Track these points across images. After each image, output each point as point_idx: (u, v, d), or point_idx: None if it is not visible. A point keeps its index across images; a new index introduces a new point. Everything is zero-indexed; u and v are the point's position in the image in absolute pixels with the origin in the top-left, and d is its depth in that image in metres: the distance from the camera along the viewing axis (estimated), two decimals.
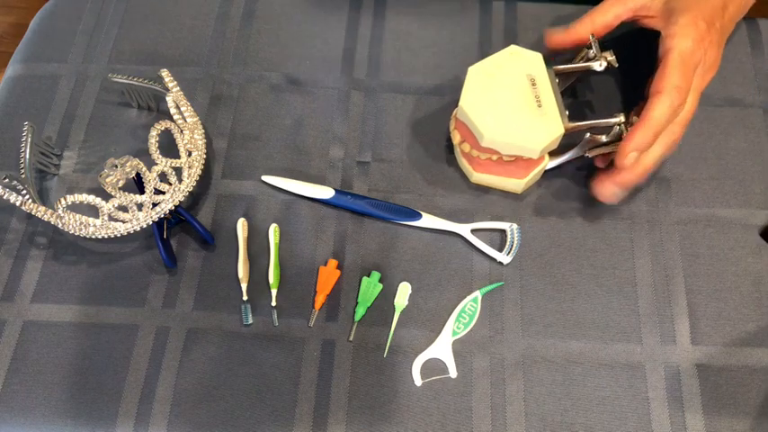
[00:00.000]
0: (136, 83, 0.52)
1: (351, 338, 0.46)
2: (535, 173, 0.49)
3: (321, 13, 0.59)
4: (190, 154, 0.49)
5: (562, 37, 0.50)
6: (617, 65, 0.49)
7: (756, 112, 0.54)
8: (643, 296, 0.47)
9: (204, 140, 0.50)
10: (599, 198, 0.48)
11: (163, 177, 0.48)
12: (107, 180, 0.44)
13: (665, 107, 0.45)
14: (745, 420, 0.43)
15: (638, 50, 0.57)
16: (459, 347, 0.45)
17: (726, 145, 0.52)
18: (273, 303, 0.47)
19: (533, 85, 0.46)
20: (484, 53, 0.56)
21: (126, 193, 0.45)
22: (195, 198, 0.51)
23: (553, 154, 0.50)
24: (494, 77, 0.47)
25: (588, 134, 0.47)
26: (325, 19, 0.59)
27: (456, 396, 0.44)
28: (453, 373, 0.45)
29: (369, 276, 0.47)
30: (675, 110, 0.45)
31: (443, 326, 0.46)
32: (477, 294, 0.47)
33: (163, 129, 0.47)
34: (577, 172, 0.52)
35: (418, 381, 0.44)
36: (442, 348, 0.45)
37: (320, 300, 0.47)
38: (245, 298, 0.47)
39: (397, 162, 0.52)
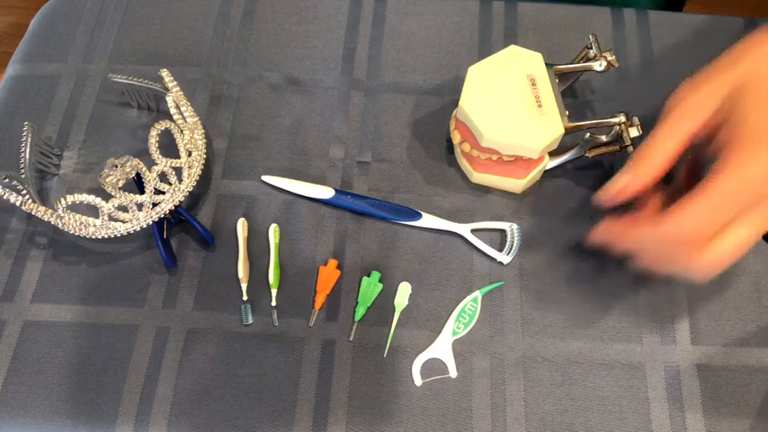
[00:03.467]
0: (136, 83, 0.52)
1: (351, 338, 0.46)
2: (535, 173, 0.49)
3: (321, 14, 0.59)
4: (190, 154, 0.49)
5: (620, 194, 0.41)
6: (617, 65, 0.49)
7: None
8: (643, 296, 0.47)
9: (204, 140, 0.50)
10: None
11: (163, 177, 0.48)
12: (107, 180, 0.44)
13: (658, 230, 0.38)
14: (745, 420, 0.43)
15: (639, 50, 0.57)
16: (460, 347, 0.45)
17: None
18: (273, 303, 0.47)
19: (533, 85, 0.47)
20: (484, 53, 0.56)
21: (126, 193, 0.45)
22: (195, 198, 0.51)
23: (553, 154, 0.50)
24: (494, 77, 0.47)
25: (588, 134, 0.47)
26: (325, 19, 0.59)
27: (456, 396, 0.44)
28: (453, 372, 0.45)
29: (369, 276, 0.47)
30: (664, 234, 0.38)
31: (443, 326, 0.46)
32: (477, 294, 0.47)
33: (163, 129, 0.47)
34: (577, 172, 0.52)
35: (418, 381, 0.44)
36: (442, 348, 0.45)
37: (320, 300, 0.47)
38: (245, 298, 0.47)
39: (397, 162, 0.52)
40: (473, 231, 0.49)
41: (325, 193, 0.50)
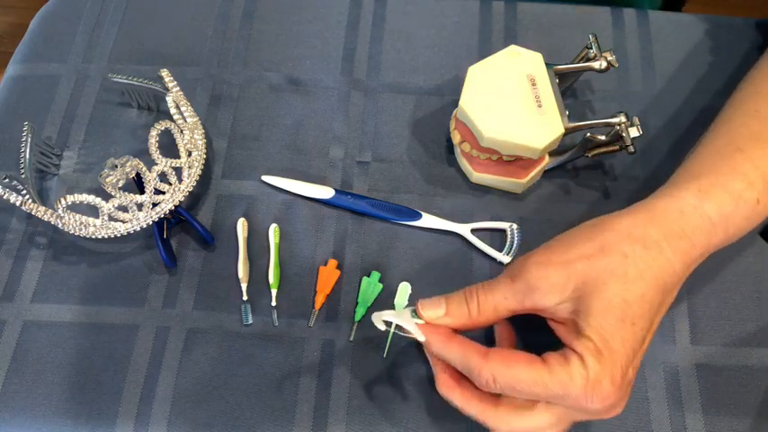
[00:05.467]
0: (136, 83, 0.52)
1: (351, 338, 0.46)
2: (535, 173, 0.49)
3: (321, 14, 0.59)
4: (190, 154, 0.49)
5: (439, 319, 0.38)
6: (617, 65, 0.49)
7: None
8: None
9: (204, 140, 0.50)
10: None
11: (163, 177, 0.48)
12: (107, 180, 0.44)
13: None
14: (745, 420, 0.43)
15: (639, 50, 0.57)
16: None
17: None
18: (273, 303, 0.47)
19: (533, 85, 0.47)
20: (484, 53, 0.56)
21: (126, 193, 0.45)
22: (195, 198, 0.51)
23: (553, 154, 0.50)
24: (494, 77, 0.47)
25: (588, 134, 0.47)
26: (325, 19, 0.59)
27: None
28: (422, 337, 0.38)
29: (369, 276, 0.47)
30: None
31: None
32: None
33: (163, 129, 0.47)
34: (577, 172, 0.52)
35: (381, 326, 0.39)
36: (406, 320, 0.39)
37: (320, 300, 0.47)
38: (245, 298, 0.47)
39: (397, 162, 0.52)
40: (473, 231, 0.49)
41: (325, 193, 0.50)
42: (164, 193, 0.47)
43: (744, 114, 0.43)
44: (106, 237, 0.46)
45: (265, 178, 0.51)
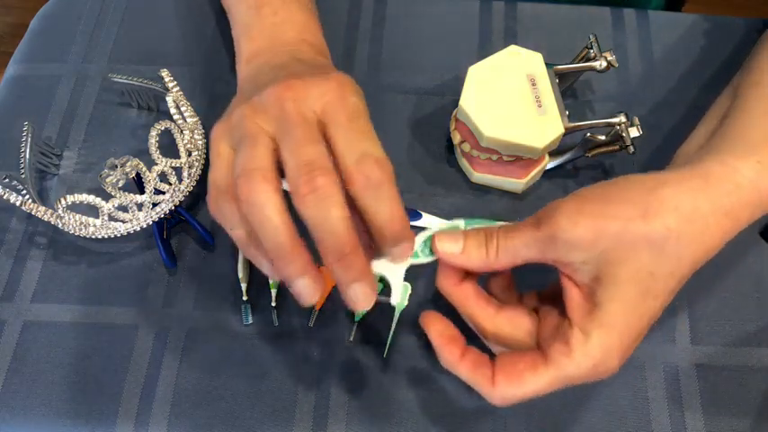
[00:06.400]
0: (136, 83, 0.52)
1: (351, 338, 0.46)
2: (535, 173, 0.49)
3: (321, 13, 0.59)
4: (190, 154, 0.49)
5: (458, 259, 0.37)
6: (617, 65, 0.49)
7: None
8: None
9: (204, 140, 0.50)
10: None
11: (163, 177, 0.48)
12: (107, 180, 0.44)
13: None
14: (745, 420, 0.43)
15: (639, 50, 0.57)
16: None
17: None
18: (273, 303, 0.47)
19: (533, 85, 0.47)
20: (484, 53, 0.56)
21: (126, 193, 0.46)
22: (195, 198, 0.51)
23: (553, 154, 0.50)
24: (494, 77, 0.47)
25: (588, 134, 0.47)
26: (325, 18, 0.58)
27: (456, 396, 0.44)
28: (395, 299, 0.38)
29: None
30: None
31: None
32: (460, 224, 0.38)
33: (163, 129, 0.47)
34: (577, 172, 0.52)
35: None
36: (392, 266, 0.38)
37: (320, 300, 0.47)
38: (245, 298, 0.47)
39: (397, 162, 0.52)
40: None
41: None
42: (164, 193, 0.47)
43: None
44: (106, 237, 0.46)
45: None
